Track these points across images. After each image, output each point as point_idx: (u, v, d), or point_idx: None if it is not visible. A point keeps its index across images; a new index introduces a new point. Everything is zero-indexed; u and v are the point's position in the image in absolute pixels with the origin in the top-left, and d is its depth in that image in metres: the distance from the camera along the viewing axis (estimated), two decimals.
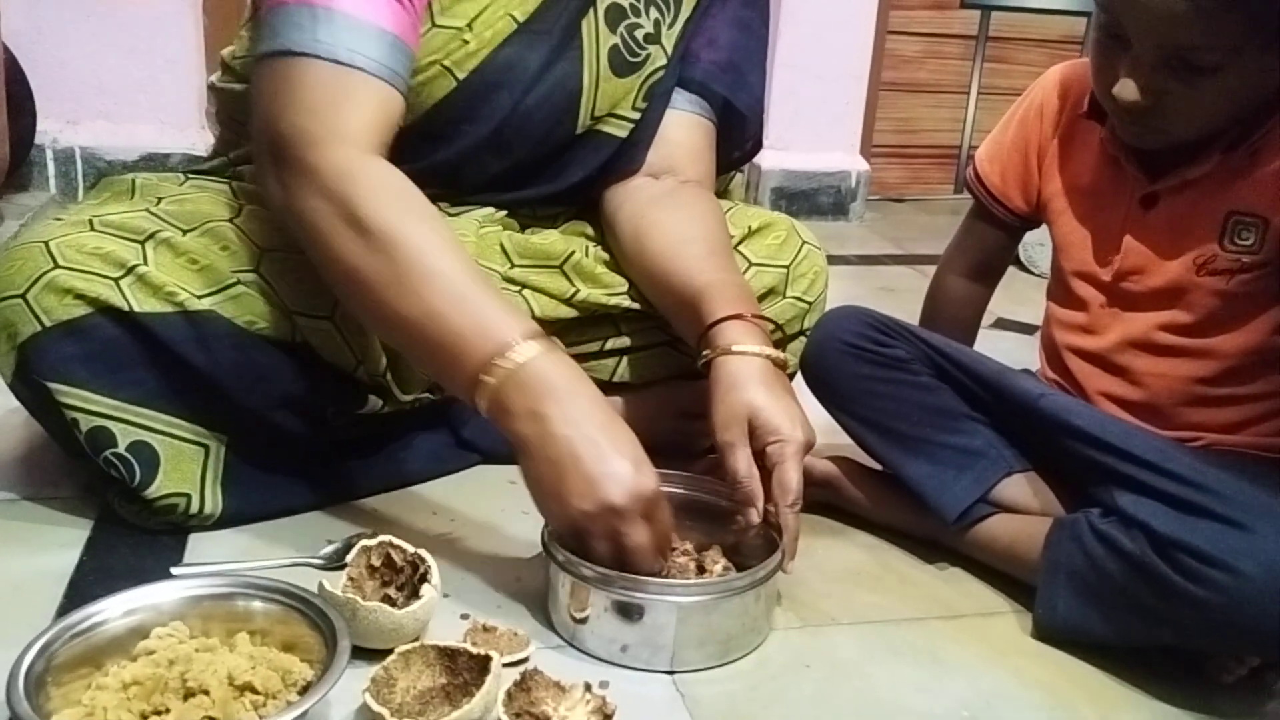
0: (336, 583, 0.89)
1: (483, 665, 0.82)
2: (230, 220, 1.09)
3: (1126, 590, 0.93)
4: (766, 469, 0.98)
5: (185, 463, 1.05)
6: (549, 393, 0.89)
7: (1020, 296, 1.85)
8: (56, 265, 0.99)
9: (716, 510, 1.03)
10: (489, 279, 1.00)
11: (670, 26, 1.23)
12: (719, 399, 1.01)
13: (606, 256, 1.25)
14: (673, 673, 0.91)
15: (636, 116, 1.23)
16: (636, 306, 1.23)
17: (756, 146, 1.38)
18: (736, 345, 1.03)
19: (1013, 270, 2.01)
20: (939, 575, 1.11)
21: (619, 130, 1.23)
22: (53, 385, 0.99)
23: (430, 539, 1.07)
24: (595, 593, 0.90)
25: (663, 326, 1.23)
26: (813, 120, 2.84)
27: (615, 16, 1.20)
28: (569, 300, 1.22)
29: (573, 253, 1.23)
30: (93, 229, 1.03)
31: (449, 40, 1.12)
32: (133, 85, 2.40)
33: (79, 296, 0.99)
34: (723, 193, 1.37)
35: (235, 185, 1.18)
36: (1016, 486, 1.09)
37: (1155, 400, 1.08)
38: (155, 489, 1.03)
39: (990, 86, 3.15)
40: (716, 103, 1.27)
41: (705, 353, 1.06)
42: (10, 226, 2.07)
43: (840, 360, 1.14)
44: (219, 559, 1.02)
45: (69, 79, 2.36)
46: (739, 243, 1.27)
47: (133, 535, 1.05)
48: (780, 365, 1.04)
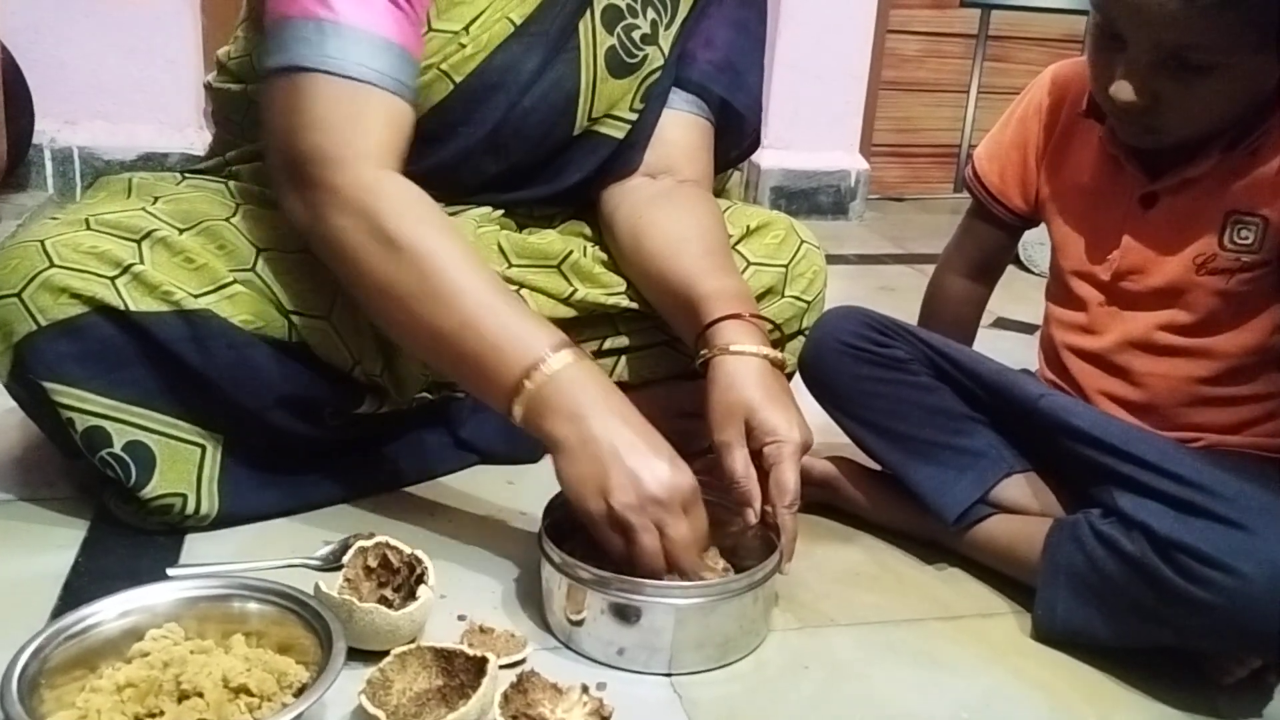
0: (333, 584, 0.89)
1: (479, 667, 0.82)
2: (227, 220, 1.09)
3: (1126, 591, 0.93)
4: (764, 469, 0.98)
5: (181, 463, 1.04)
6: (585, 397, 0.92)
7: (1020, 296, 1.85)
8: (52, 264, 0.99)
9: (714, 511, 1.02)
10: (511, 289, 1.03)
11: (667, 27, 1.23)
12: (716, 399, 1.01)
13: (604, 256, 1.25)
14: (670, 675, 0.91)
15: (634, 117, 1.22)
16: (634, 306, 1.23)
17: (755, 144, 1.37)
18: (734, 345, 1.03)
19: (1012, 270, 2.01)
20: (938, 576, 1.11)
21: (616, 131, 1.23)
22: (48, 385, 0.99)
23: (427, 540, 1.07)
24: (592, 595, 0.90)
25: (661, 326, 1.23)
26: (812, 119, 2.83)
27: (612, 18, 1.19)
28: (567, 300, 1.22)
29: (571, 252, 1.22)
30: (89, 228, 1.03)
31: (446, 44, 1.12)
32: (131, 85, 2.39)
33: (75, 295, 0.99)
34: (720, 192, 1.37)
35: (232, 185, 1.18)
36: (1016, 487, 1.09)
37: (1155, 400, 1.08)
38: (151, 489, 1.03)
39: (990, 86, 3.14)
40: (714, 102, 1.27)
41: (703, 352, 1.05)
42: (8, 226, 2.06)
43: (839, 360, 1.14)
44: (215, 560, 1.02)
45: (67, 79, 2.35)
46: (737, 242, 1.26)
47: (129, 536, 1.05)
48: (778, 365, 1.04)
